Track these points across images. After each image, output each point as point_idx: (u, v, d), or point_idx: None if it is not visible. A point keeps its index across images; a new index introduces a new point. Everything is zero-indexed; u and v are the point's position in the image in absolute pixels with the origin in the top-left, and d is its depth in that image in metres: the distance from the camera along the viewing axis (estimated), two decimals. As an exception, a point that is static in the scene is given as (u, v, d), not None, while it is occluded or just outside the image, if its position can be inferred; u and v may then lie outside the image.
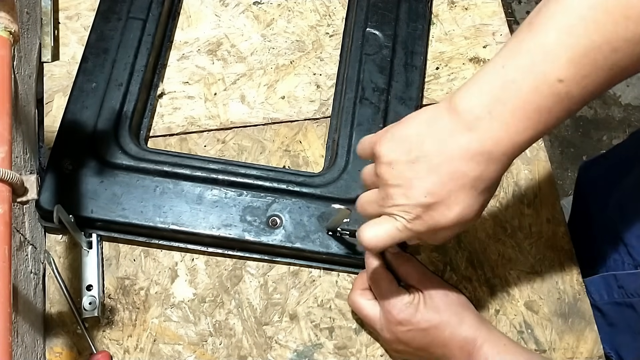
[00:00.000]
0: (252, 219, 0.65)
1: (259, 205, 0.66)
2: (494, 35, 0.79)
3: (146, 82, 0.71)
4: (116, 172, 0.65)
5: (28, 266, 0.62)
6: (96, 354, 0.62)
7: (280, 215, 0.65)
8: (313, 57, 0.77)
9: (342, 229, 0.64)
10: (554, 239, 0.70)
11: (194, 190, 0.66)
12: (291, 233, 0.65)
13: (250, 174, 0.66)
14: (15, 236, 0.59)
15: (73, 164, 0.65)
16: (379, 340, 0.64)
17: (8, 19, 0.47)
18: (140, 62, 0.70)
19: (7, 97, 0.45)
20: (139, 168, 0.66)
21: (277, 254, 0.66)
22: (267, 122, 0.73)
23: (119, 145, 0.66)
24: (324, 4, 0.80)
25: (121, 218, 0.64)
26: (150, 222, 0.64)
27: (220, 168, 0.67)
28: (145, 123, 0.71)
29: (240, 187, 0.66)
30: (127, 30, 0.71)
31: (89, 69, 0.70)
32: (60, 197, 0.64)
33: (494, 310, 0.66)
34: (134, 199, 0.65)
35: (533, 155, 0.73)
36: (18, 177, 0.43)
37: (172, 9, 0.77)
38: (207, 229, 0.64)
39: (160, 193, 0.65)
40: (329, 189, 0.66)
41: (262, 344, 0.65)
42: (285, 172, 0.68)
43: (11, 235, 0.42)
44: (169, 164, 0.66)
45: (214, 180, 0.66)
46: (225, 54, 0.76)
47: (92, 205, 0.64)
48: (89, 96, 0.68)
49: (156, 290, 0.66)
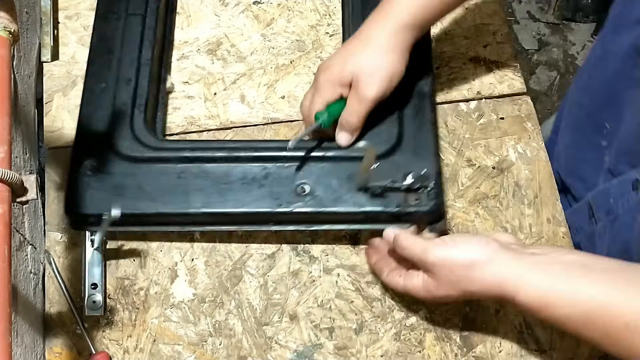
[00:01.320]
0: (280, 190, 0.64)
1: (286, 175, 0.65)
2: (494, 35, 0.79)
3: (154, 75, 0.71)
4: (138, 165, 0.65)
5: (28, 266, 0.62)
6: (95, 355, 0.62)
7: (308, 182, 0.65)
8: (313, 56, 0.77)
9: (374, 184, 0.62)
10: (555, 239, 0.70)
11: (218, 171, 0.65)
12: (322, 198, 0.64)
13: (271, 147, 0.66)
14: (15, 236, 0.59)
15: (95, 164, 0.65)
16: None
17: (7, 19, 0.47)
18: (145, 55, 0.70)
19: (7, 97, 0.45)
20: (161, 157, 0.65)
21: (312, 221, 0.65)
22: (267, 122, 0.73)
23: (136, 139, 0.66)
24: (324, 3, 0.80)
25: (151, 210, 0.63)
26: (180, 209, 0.64)
27: (241, 146, 0.67)
28: (160, 116, 0.71)
29: (263, 160, 0.66)
30: (128, 28, 0.72)
31: (96, 71, 0.70)
32: (87, 199, 0.63)
33: (494, 310, 0.66)
34: (161, 188, 0.64)
35: (533, 155, 0.73)
36: (18, 177, 0.43)
37: (170, 1, 0.77)
38: (238, 206, 0.64)
39: (185, 179, 0.65)
40: (354, 148, 0.65)
41: (262, 344, 0.64)
42: (306, 140, 0.66)
43: (11, 235, 0.42)
44: (189, 150, 0.66)
45: (236, 158, 0.65)
46: (225, 54, 0.76)
47: (119, 202, 0.62)
48: (101, 96, 0.68)
49: (156, 291, 0.66)
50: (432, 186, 0.63)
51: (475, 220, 0.70)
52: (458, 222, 0.69)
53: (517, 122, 0.74)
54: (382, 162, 0.64)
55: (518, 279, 0.53)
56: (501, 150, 0.73)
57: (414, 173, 0.63)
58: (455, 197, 0.70)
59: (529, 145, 0.73)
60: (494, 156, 0.73)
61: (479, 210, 0.70)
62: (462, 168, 0.72)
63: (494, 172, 0.72)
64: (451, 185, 0.71)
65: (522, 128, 0.74)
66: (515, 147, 0.73)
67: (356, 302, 0.66)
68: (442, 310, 0.66)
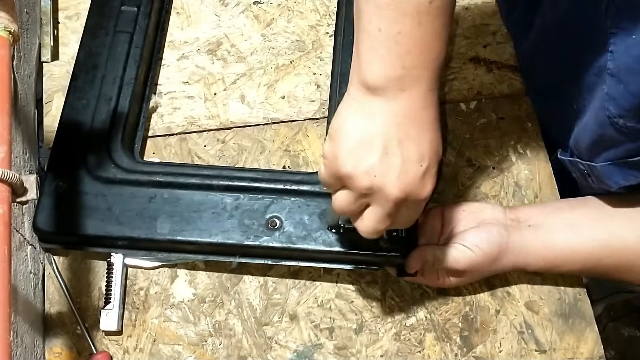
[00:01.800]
0: (250, 223, 0.64)
1: (257, 207, 0.64)
2: (494, 35, 0.79)
3: (137, 95, 0.70)
4: (111, 186, 0.64)
5: (27, 266, 0.62)
6: (96, 354, 0.62)
7: (280, 216, 0.64)
8: (313, 56, 0.77)
9: (344, 224, 0.61)
10: (554, 239, 0.70)
11: (190, 198, 0.64)
12: (292, 233, 0.63)
13: (245, 177, 0.65)
14: (14, 236, 0.59)
15: (67, 182, 0.64)
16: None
17: (7, 19, 0.47)
18: (129, 74, 0.69)
19: (7, 97, 0.45)
20: (132, 180, 0.65)
21: (279, 256, 0.65)
22: (267, 122, 0.73)
23: (111, 159, 0.65)
24: (324, 3, 0.80)
25: (119, 233, 0.63)
26: (148, 234, 0.63)
27: (215, 174, 0.66)
28: (139, 136, 0.70)
29: (236, 190, 0.65)
30: (114, 45, 0.71)
31: (79, 86, 0.69)
32: (57, 217, 0.63)
33: (495, 311, 0.66)
34: (130, 212, 0.63)
35: (533, 155, 0.73)
36: (17, 177, 0.43)
37: (160, 20, 0.77)
38: (206, 236, 0.63)
39: (156, 204, 0.64)
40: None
41: (262, 344, 0.64)
42: (281, 172, 0.67)
43: (11, 235, 0.42)
44: (162, 174, 0.65)
45: (209, 187, 0.65)
46: (225, 54, 0.76)
47: (89, 222, 0.63)
48: (80, 113, 0.67)
49: (156, 291, 0.66)
50: (403, 232, 0.62)
51: (475, 220, 0.70)
52: (458, 222, 0.69)
53: (517, 122, 0.74)
54: None
55: (526, 256, 0.63)
56: (501, 150, 0.73)
57: None
58: (455, 197, 0.70)
59: (528, 145, 0.73)
60: (493, 156, 0.73)
61: (479, 210, 0.70)
62: (462, 168, 0.72)
63: (494, 172, 0.72)
64: (451, 186, 0.71)
65: (522, 128, 0.74)
66: (515, 147, 0.73)
67: (356, 302, 0.66)
68: (442, 310, 0.66)
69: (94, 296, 0.65)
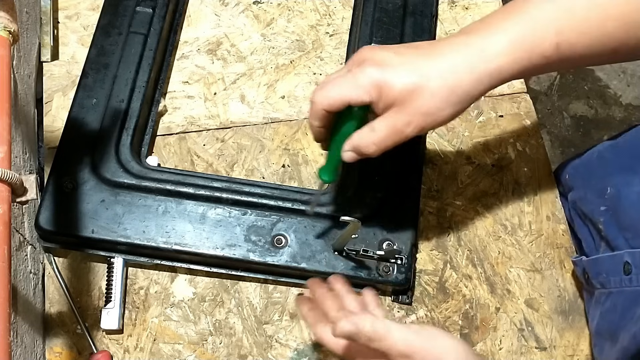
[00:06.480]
0: (256, 239, 0.64)
1: (264, 224, 0.64)
2: (493, 33, 0.78)
3: (147, 99, 0.70)
4: (117, 190, 0.64)
5: (27, 266, 0.62)
6: (96, 354, 0.62)
7: (286, 235, 0.64)
8: (313, 56, 0.77)
9: (349, 249, 0.63)
10: (554, 237, 0.70)
11: (197, 210, 0.64)
12: (297, 253, 0.63)
13: (254, 192, 0.65)
14: (14, 236, 0.59)
15: (73, 182, 0.64)
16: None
17: (7, 19, 0.47)
18: (141, 78, 0.69)
19: (7, 97, 0.45)
20: (141, 187, 0.64)
21: (282, 274, 0.65)
22: (267, 122, 0.73)
23: (120, 163, 0.65)
24: (324, 3, 0.80)
25: (123, 238, 0.63)
26: (152, 242, 0.63)
27: (224, 186, 0.65)
28: (146, 140, 0.70)
29: (244, 205, 0.65)
30: (128, 45, 0.70)
31: (89, 85, 0.68)
32: (60, 217, 0.63)
33: (495, 308, 0.66)
34: (135, 218, 0.63)
35: (532, 153, 0.73)
36: (17, 177, 0.43)
37: (174, 23, 0.76)
38: (211, 249, 0.63)
39: (162, 212, 0.64)
40: (335, 207, 0.64)
41: (262, 343, 0.64)
42: (290, 190, 0.66)
43: (10, 235, 0.42)
44: (171, 183, 0.65)
45: (218, 199, 0.65)
46: (225, 54, 0.76)
47: (92, 225, 0.63)
48: (89, 112, 0.67)
49: (156, 290, 0.66)
50: (404, 260, 0.63)
51: (474, 218, 0.70)
52: (458, 220, 0.69)
53: (517, 120, 0.74)
54: (361, 227, 0.60)
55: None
56: (500, 148, 0.73)
57: (388, 245, 0.63)
58: (454, 195, 0.70)
59: (528, 143, 0.73)
60: (493, 154, 0.73)
61: (479, 208, 0.70)
62: (461, 166, 0.72)
63: (493, 169, 0.72)
64: (451, 183, 0.71)
65: (521, 126, 0.74)
66: (515, 144, 0.73)
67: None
68: (442, 308, 0.66)
69: (94, 296, 0.65)
